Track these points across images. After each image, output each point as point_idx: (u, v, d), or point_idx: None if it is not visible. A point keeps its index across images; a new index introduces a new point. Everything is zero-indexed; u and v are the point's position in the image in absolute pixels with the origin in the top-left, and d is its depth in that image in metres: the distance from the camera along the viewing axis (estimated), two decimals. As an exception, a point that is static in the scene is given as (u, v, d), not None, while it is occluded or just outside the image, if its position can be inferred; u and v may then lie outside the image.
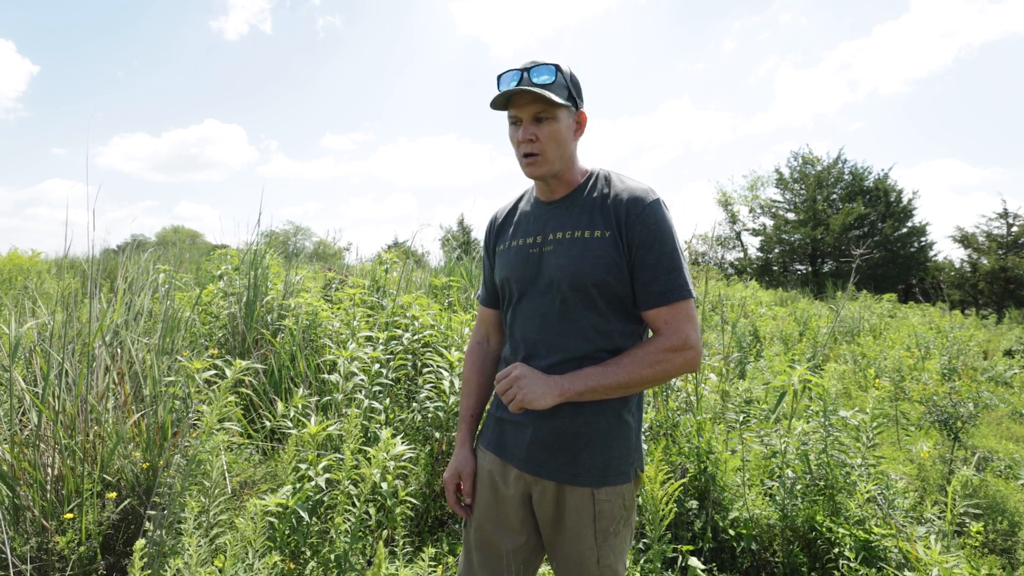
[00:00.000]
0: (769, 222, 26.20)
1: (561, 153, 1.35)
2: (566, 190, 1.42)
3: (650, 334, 1.40)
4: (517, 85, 1.31)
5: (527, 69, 1.31)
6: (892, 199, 22.87)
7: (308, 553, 2.24)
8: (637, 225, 1.29)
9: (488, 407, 1.59)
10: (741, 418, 2.98)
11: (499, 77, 1.36)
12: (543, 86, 1.29)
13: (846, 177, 24.31)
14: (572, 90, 1.36)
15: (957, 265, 20.17)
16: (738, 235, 27.56)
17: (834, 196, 24.30)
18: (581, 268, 1.31)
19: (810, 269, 24.14)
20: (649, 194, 1.33)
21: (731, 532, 2.59)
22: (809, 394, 3.53)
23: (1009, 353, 8.29)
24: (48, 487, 2.19)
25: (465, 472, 1.51)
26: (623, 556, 1.41)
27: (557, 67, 1.31)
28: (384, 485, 2.37)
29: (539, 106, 1.31)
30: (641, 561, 2.34)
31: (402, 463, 2.55)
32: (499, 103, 1.35)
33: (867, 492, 2.50)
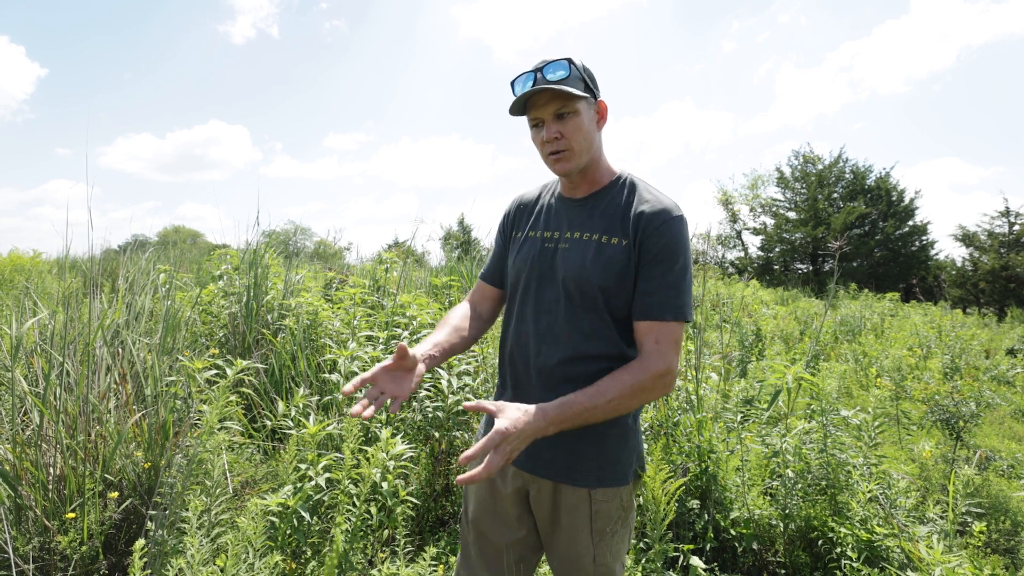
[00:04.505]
0: (770, 221, 26.15)
1: (587, 145, 1.33)
2: (590, 189, 1.40)
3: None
4: (533, 86, 1.29)
5: (540, 68, 1.29)
6: (893, 198, 22.83)
7: (309, 553, 2.24)
8: (653, 237, 1.28)
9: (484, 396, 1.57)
10: (739, 417, 2.98)
11: (513, 82, 1.33)
12: (559, 82, 1.27)
13: (847, 176, 24.24)
14: (588, 81, 1.33)
15: (958, 264, 20.13)
16: (739, 234, 27.51)
17: (835, 195, 24.23)
18: (591, 271, 1.30)
19: (811, 268, 24.10)
20: (673, 210, 1.30)
21: (733, 532, 2.59)
22: (810, 392, 3.52)
23: (1012, 352, 8.28)
24: (50, 487, 2.19)
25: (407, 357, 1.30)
26: (621, 556, 1.40)
27: (570, 60, 1.29)
28: (384, 485, 2.37)
29: (559, 103, 1.29)
30: (643, 561, 2.34)
31: (402, 463, 2.55)
32: (518, 108, 1.32)
33: (869, 492, 2.49)
